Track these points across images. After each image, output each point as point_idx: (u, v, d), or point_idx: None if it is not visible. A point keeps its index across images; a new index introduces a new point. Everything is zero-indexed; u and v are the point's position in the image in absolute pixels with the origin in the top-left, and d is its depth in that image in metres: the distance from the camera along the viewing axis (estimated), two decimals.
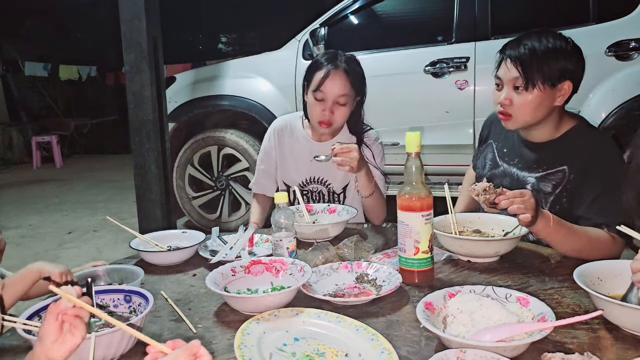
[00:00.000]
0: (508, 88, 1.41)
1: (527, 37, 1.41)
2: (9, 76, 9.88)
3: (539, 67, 1.35)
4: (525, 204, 1.21)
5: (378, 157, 1.85)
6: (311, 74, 1.75)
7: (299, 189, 1.87)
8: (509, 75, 1.40)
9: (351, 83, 1.72)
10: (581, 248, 1.29)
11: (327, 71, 1.70)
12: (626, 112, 2.94)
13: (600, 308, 0.92)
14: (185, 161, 3.97)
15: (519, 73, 1.37)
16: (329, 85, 1.70)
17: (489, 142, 1.68)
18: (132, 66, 2.63)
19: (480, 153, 1.72)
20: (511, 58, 1.39)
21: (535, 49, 1.37)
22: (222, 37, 11.95)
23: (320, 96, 1.72)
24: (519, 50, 1.38)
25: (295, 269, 1.17)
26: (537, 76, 1.35)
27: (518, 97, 1.39)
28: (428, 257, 1.18)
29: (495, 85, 1.47)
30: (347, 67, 1.72)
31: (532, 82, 1.36)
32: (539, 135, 1.47)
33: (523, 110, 1.40)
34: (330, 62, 1.72)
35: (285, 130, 1.92)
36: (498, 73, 1.45)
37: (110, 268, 1.26)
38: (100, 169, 8.26)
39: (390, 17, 3.92)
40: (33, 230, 4.61)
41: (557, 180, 1.43)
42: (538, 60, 1.36)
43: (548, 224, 1.25)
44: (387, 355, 0.84)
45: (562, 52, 1.37)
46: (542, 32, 1.41)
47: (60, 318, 0.68)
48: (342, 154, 1.57)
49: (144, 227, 2.71)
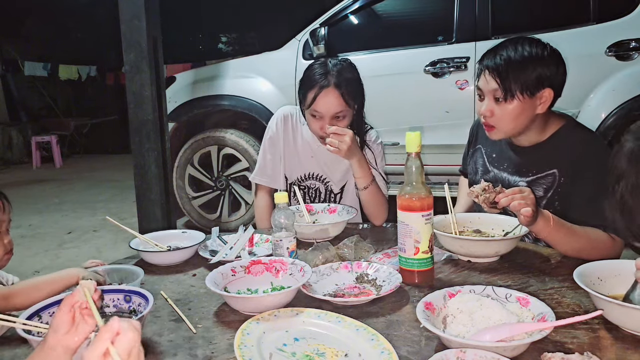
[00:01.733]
0: (489, 99, 1.40)
1: (503, 46, 1.40)
2: (9, 76, 9.88)
3: (515, 77, 1.34)
4: (525, 199, 1.21)
5: (378, 157, 1.84)
6: (305, 91, 1.69)
7: (297, 183, 1.86)
8: (488, 87, 1.39)
9: (346, 96, 1.66)
10: (581, 248, 1.29)
11: (318, 90, 1.64)
12: (626, 112, 2.94)
13: (600, 308, 0.92)
14: (185, 161, 3.97)
15: (497, 84, 1.36)
16: (322, 105, 1.65)
17: (477, 148, 1.67)
18: (132, 66, 2.63)
19: (470, 158, 1.71)
20: (489, 69, 1.38)
21: (511, 59, 1.35)
22: (222, 37, 11.95)
23: (317, 114, 1.68)
24: (495, 60, 1.37)
25: (295, 269, 1.17)
26: (515, 87, 1.34)
27: (498, 108, 1.38)
28: (428, 257, 1.18)
29: (477, 95, 1.47)
30: (338, 80, 1.64)
31: (511, 93, 1.35)
32: (525, 139, 1.46)
33: (505, 121, 1.39)
34: (321, 79, 1.65)
35: (291, 120, 1.88)
36: (479, 84, 1.43)
37: (110, 268, 1.26)
38: (100, 169, 8.26)
39: (390, 17, 3.92)
40: (33, 230, 4.61)
41: (548, 184, 1.42)
42: (514, 70, 1.34)
43: (548, 224, 1.25)
44: (387, 355, 0.84)
45: (538, 60, 1.35)
46: (519, 40, 1.39)
47: (73, 310, 0.69)
48: (336, 136, 1.58)
49: (144, 227, 2.71)
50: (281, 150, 1.87)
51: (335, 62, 1.69)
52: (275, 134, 1.87)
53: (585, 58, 3.03)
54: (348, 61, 1.74)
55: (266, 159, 1.89)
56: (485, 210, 1.34)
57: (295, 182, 1.88)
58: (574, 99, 3.02)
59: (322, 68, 1.67)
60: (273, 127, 1.89)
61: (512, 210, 1.24)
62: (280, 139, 1.87)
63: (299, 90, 1.75)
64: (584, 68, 3.02)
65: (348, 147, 1.60)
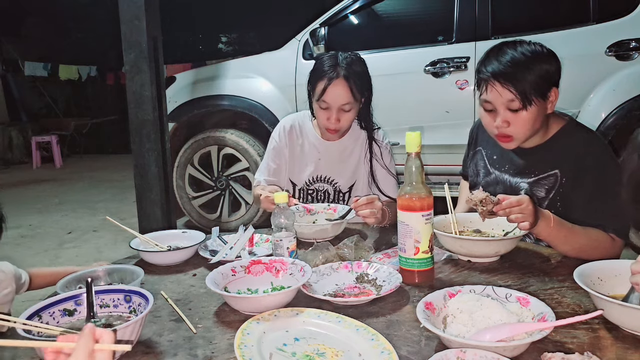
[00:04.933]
0: (503, 110, 1.36)
1: (502, 52, 1.34)
2: (9, 76, 9.89)
3: (531, 85, 1.30)
4: (522, 212, 1.20)
5: (386, 155, 1.87)
6: (314, 82, 1.74)
7: (304, 188, 1.88)
8: (502, 99, 1.33)
9: (354, 88, 1.71)
10: (581, 248, 1.29)
11: (328, 81, 1.69)
12: (626, 112, 2.94)
13: (600, 308, 0.92)
14: (185, 161, 3.97)
15: (514, 95, 1.31)
16: (331, 96, 1.70)
17: (477, 150, 1.67)
18: (132, 66, 2.63)
19: (470, 160, 1.71)
20: (500, 80, 1.32)
21: (520, 64, 1.31)
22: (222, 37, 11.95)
23: (325, 105, 1.73)
24: (502, 69, 1.32)
25: (295, 269, 1.17)
26: (531, 93, 1.31)
27: (515, 117, 1.34)
28: (428, 257, 1.18)
29: (483, 109, 1.41)
30: (348, 72, 1.69)
31: (529, 101, 1.31)
32: (527, 141, 1.44)
33: (523, 129, 1.36)
34: (331, 70, 1.70)
35: (295, 128, 1.92)
36: (487, 97, 1.36)
37: (110, 268, 1.26)
38: (100, 169, 8.27)
39: (390, 17, 3.92)
40: (33, 230, 4.62)
41: (550, 185, 1.41)
42: (526, 75, 1.30)
43: (549, 225, 1.25)
44: (387, 355, 0.84)
45: (542, 58, 1.33)
46: (513, 43, 1.35)
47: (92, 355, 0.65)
48: (366, 205, 1.51)
49: (144, 227, 2.72)
50: (286, 159, 1.91)
51: (345, 55, 1.74)
52: (280, 145, 1.91)
53: (585, 58, 3.04)
54: (357, 55, 1.78)
55: (270, 168, 1.91)
56: (483, 220, 1.33)
57: (303, 187, 1.90)
58: (574, 99, 3.02)
59: (332, 60, 1.72)
60: (276, 138, 1.92)
61: (509, 222, 1.25)
62: (285, 148, 1.90)
63: (308, 82, 1.79)
64: (584, 68, 3.02)
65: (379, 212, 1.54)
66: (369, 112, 1.86)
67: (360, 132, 1.89)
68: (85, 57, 10.16)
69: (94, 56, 10.31)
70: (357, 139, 1.89)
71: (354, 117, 1.78)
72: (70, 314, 0.98)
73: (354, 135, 1.89)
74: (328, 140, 1.88)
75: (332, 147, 1.88)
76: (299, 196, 1.92)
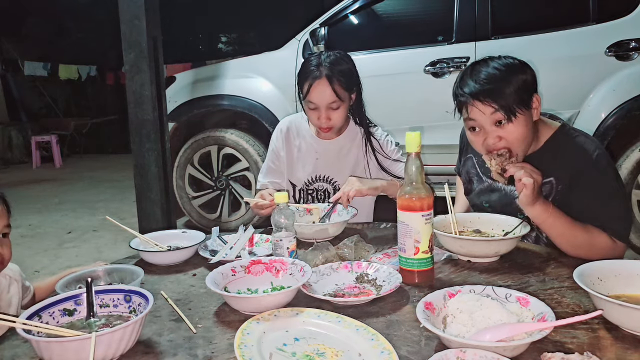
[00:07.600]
0: (490, 127, 1.35)
1: (476, 71, 1.34)
2: (9, 76, 9.88)
3: (512, 96, 1.30)
4: (533, 173, 1.24)
5: (389, 147, 1.89)
6: (301, 83, 1.77)
7: (304, 188, 1.90)
8: (486, 116, 1.33)
9: (338, 87, 1.72)
10: (580, 244, 1.28)
11: (312, 81, 1.72)
12: (626, 112, 2.94)
13: (600, 308, 0.92)
14: (185, 161, 3.98)
15: (495, 109, 1.31)
16: (316, 96, 1.72)
17: (468, 157, 1.66)
18: (132, 66, 2.64)
19: (462, 166, 1.71)
20: (479, 98, 1.31)
21: (497, 79, 1.31)
22: (222, 37, 11.96)
23: (312, 105, 1.76)
24: (478, 86, 1.32)
25: (295, 269, 1.17)
26: (515, 105, 1.30)
27: (504, 131, 1.33)
28: (428, 257, 1.18)
29: (468, 129, 1.40)
30: (331, 71, 1.71)
31: (513, 113, 1.31)
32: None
33: (518, 140, 1.34)
34: (314, 70, 1.72)
35: (292, 130, 1.94)
36: (471, 116, 1.36)
37: (110, 268, 1.26)
38: (100, 169, 8.27)
39: (390, 17, 3.92)
40: (33, 230, 4.61)
41: (546, 193, 1.39)
42: (504, 87, 1.30)
43: (547, 209, 1.27)
44: (387, 355, 0.84)
45: (516, 69, 1.33)
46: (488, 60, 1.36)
47: None
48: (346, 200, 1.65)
49: (144, 227, 2.72)
50: (284, 161, 1.93)
51: (328, 54, 1.76)
52: (277, 147, 1.95)
53: (585, 58, 3.03)
54: (342, 53, 1.79)
55: (270, 169, 1.96)
56: (493, 176, 1.34)
57: (303, 187, 1.91)
58: (574, 99, 3.02)
59: (316, 60, 1.75)
60: (274, 141, 1.96)
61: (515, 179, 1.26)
62: (282, 150, 1.93)
63: (297, 83, 1.83)
64: (584, 68, 3.02)
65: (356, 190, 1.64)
66: (362, 108, 1.87)
67: (356, 130, 1.90)
68: (85, 57, 10.16)
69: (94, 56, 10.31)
70: (355, 137, 1.89)
71: (345, 113, 1.80)
72: (70, 314, 0.98)
73: (351, 134, 1.89)
74: (324, 140, 1.89)
75: (329, 146, 1.88)
76: (300, 196, 1.93)
